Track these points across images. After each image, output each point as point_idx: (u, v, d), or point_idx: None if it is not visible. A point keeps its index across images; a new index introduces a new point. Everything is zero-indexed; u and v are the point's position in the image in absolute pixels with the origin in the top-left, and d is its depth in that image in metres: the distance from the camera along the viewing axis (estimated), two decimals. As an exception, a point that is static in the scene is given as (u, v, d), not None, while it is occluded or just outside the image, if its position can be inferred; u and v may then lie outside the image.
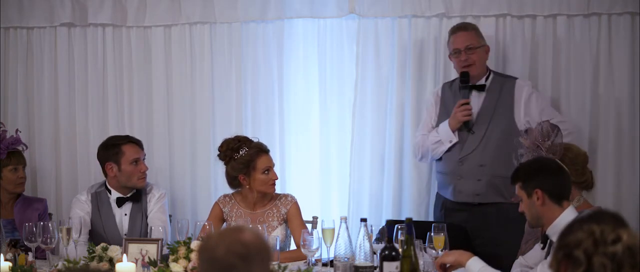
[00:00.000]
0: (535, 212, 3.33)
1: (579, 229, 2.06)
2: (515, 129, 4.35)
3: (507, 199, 4.34)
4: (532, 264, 3.48)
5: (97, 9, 4.98)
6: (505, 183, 4.31)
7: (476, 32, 4.47)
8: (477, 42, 4.42)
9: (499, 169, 4.34)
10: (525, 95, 4.39)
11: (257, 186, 4.09)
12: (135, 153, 4.32)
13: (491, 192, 4.38)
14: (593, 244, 2.03)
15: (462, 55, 4.40)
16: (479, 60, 4.42)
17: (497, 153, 4.36)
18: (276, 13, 4.89)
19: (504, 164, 4.32)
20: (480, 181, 4.38)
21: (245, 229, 2.21)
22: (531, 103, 4.38)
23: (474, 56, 4.40)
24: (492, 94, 4.43)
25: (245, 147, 4.11)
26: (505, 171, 4.30)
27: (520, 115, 4.38)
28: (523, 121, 4.35)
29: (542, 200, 3.28)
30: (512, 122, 4.38)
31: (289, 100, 4.99)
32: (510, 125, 4.38)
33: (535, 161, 3.50)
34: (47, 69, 5.07)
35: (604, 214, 2.11)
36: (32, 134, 5.09)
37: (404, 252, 3.21)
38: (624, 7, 4.60)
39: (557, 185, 3.29)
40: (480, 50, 4.43)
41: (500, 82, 4.45)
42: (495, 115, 4.40)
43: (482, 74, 4.46)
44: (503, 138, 4.36)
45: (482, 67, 4.46)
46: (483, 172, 4.38)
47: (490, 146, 4.38)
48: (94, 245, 3.65)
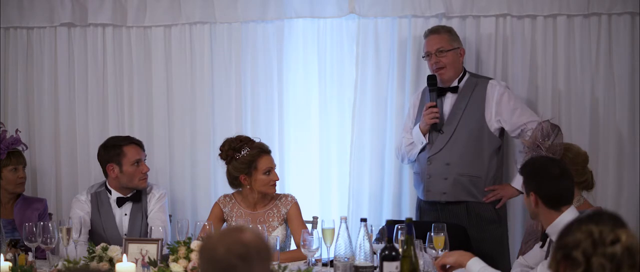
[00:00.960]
0: (531, 210, 3.35)
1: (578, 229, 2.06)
2: (485, 128, 4.37)
3: (477, 198, 4.37)
4: (532, 264, 3.48)
5: (97, 9, 4.98)
6: (472, 182, 4.37)
7: (450, 35, 4.45)
8: (448, 46, 4.41)
9: (465, 168, 4.37)
10: (497, 95, 4.37)
11: (258, 187, 4.09)
12: (137, 154, 4.31)
13: (458, 191, 4.38)
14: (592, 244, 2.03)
15: (433, 58, 4.42)
16: (450, 63, 4.41)
17: (463, 152, 4.37)
18: (276, 13, 4.89)
19: (471, 163, 4.37)
20: (447, 179, 4.39)
21: (245, 229, 2.21)
22: (502, 103, 4.36)
23: (444, 59, 4.40)
24: (464, 95, 4.42)
25: (247, 147, 4.11)
26: (473, 170, 4.37)
27: (491, 114, 4.37)
28: (494, 121, 4.36)
29: (536, 203, 3.28)
30: (482, 121, 4.38)
31: (289, 101, 4.99)
32: (479, 125, 4.38)
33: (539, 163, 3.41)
34: (47, 69, 5.07)
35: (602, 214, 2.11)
36: (32, 134, 5.09)
37: (404, 252, 3.21)
38: (624, 7, 4.60)
39: (553, 192, 3.26)
40: (451, 53, 4.41)
41: (474, 83, 4.45)
42: (464, 116, 4.39)
43: (454, 77, 4.45)
44: (471, 138, 4.37)
45: (454, 70, 4.44)
46: (449, 171, 4.39)
47: (457, 145, 4.38)
48: (94, 245, 3.65)
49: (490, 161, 4.40)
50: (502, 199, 4.40)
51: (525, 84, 4.71)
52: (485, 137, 4.38)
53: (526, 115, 4.34)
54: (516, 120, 4.33)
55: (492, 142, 4.39)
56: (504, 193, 4.40)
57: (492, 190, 4.39)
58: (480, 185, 4.39)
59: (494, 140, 4.40)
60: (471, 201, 4.39)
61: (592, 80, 4.66)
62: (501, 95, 4.37)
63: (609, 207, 4.50)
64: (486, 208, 4.39)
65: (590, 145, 4.58)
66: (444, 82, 4.45)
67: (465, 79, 4.46)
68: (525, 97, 4.70)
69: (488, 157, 4.40)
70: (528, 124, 4.29)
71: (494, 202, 4.40)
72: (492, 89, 4.40)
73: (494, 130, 4.39)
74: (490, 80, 4.45)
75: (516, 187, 4.36)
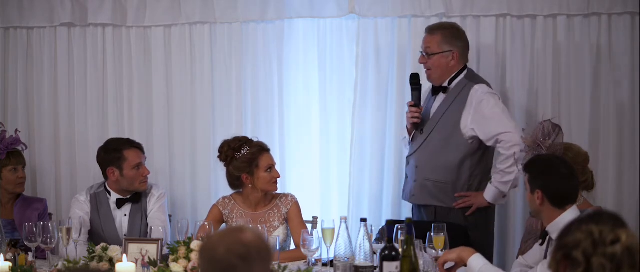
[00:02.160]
0: (535, 208, 3.35)
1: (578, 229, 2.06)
2: (457, 134, 4.25)
3: (446, 203, 4.29)
4: (532, 264, 3.48)
5: (97, 9, 4.98)
6: (438, 188, 4.29)
7: (443, 37, 4.31)
8: (436, 49, 4.30)
9: (430, 172, 4.31)
10: (476, 100, 4.23)
11: (261, 185, 4.09)
12: (137, 158, 4.31)
13: (424, 195, 4.33)
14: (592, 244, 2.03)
15: (421, 58, 4.37)
16: (436, 66, 4.30)
17: (432, 156, 4.30)
18: (276, 13, 4.89)
19: (437, 168, 4.29)
20: (416, 181, 4.37)
21: (245, 229, 2.21)
22: (480, 110, 4.22)
23: (430, 62, 4.32)
24: (449, 98, 4.32)
25: (246, 146, 4.11)
26: (439, 176, 4.29)
27: (467, 120, 4.23)
28: (469, 127, 4.23)
29: (542, 201, 3.28)
30: (457, 127, 4.25)
31: (289, 100, 4.98)
32: (454, 130, 4.26)
33: (547, 161, 3.41)
34: (47, 69, 5.07)
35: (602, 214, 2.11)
36: (32, 134, 5.09)
37: (404, 252, 3.21)
38: (624, 7, 4.60)
39: (560, 190, 3.27)
40: (438, 56, 4.29)
41: (463, 85, 4.31)
42: (443, 119, 4.30)
43: (442, 78, 4.33)
44: (443, 142, 4.28)
45: (440, 73, 4.32)
46: (417, 174, 4.35)
47: (428, 149, 4.32)
48: (94, 245, 3.65)
49: (460, 168, 4.26)
50: (472, 206, 4.28)
51: (525, 84, 4.72)
52: (457, 143, 4.25)
53: (501, 126, 4.15)
54: (490, 130, 4.18)
55: (464, 149, 4.25)
56: (475, 201, 4.27)
57: (463, 196, 4.28)
58: (448, 191, 4.28)
59: (467, 147, 4.25)
60: (440, 206, 4.30)
61: (592, 80, 4.66)
62: (480, 102, 4.22)
63: (609, 207, 4.50)
64: (456, 215, 4.25)
65: (590, 145, 4.58)
66: (433, 83, 4.38)
67: (458, 80, 4.34)
68: (525, 97, 4.71)
69: (457, 164, 4.26)
70: (500, 135, 4.15)
71: (464, 209, 4.28)
72: (474, 94, 4.25)
73: (468, 137, 4.24)
74: (475, 85, 4.27)
75: (486, 197, 4.25)
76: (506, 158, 4.17)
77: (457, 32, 4.37)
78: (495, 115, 4.20)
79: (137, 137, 4.58)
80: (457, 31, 4.38)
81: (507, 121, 4.20)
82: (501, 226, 4.79)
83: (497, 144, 4.19)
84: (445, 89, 4.35)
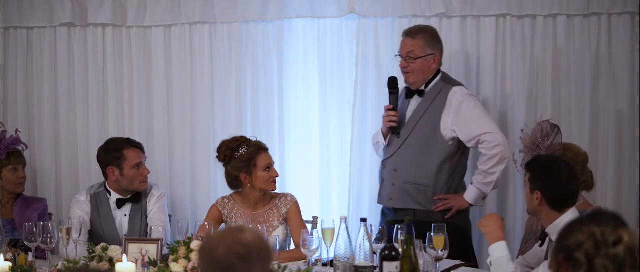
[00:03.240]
0: (533, 207, 3.35)
1: (579, 231, 2.05)
2: (438, 136, 4.26)
3: (425, 206, 4.29)
4: (532, 264, 3.48)
5: (97, 9, 4.98)
6: (419, 190, 4.28)
7: (425, 40, 4.30)
8: (420, 52, 4.28)
9: (411, 175, 4.29)
10: (456, 102, 4.24)
11: (259, 184, 4.09)
12: (138, 157, 4.31)
13: (404, 198, 4.31)
14: (594, 246, 2.02)
15: (402, 61, 4.33)
16: (419, 69, 4.29)
17: (412, 159, 4.29)
18: (276, 13, 4.89)
19: (418, 171, 4.28)
20: (394, 185, 4.34)
21: (245, 229, 2.21)
22: (461, 111, 4.23)
23: (413, 65, 4.29)
24: (426, 100, 4.32)
25: (244, 145, 4.11)
26: (419, 179, 4.28)
27: (447, 122, 4.24)
28: (449, 129, 4.23)
29: (540, 202, 3.28)
30: (436, 129, 4.26)
31: (289, 100, 4.99)
32: (433, 132, 4.26)
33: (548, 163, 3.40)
34: (47, 69, 5.07)
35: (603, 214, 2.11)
36: (32, 134, 5.09)
37: (404, 252, 3.22)
38: (624, 7, 4.60)
39: (560, 194, 3.27)
40: (422, 60, 4.28)
41: (440, 88, 4.31)
42: (421, 121, 4.30)
43: (422, 81, 4.33)
44: (422, 145, 4.28)
45: (421, 76, 4.31)
46: (396, 177, 4.33)
47: (407, 152, 4.31)
48: (94, 245, 3.65)
49: (440, 170, 4.27)
50: (452, 209, 4.28)
51: (525, 84, 4.71)
52: (437, 145, 4.26)
53: (482, 127, 4.18)
54: (471, 131, 4.20)
55: (443, 151, 4.26)
56: (455, 203, 4.28)
57: (443, 199, 4.28)
58: (428, 194, 4.28)
59: (447, 149, 4.26)
60: (419, 209, 4.30)
61: (592, 80, 4.67)
62: (460, 104, 4.23)
63: (608, 207, 4.50)
64: (435, 217, 4.20)
65: (590, 145, 4.58)
66: (411, 86, 4.37)
67: (433, 83, 4.33)
68: (525, 97, 4.71)
69: (437, 167, 4.26)
70: (482, 136, 4.17)
71: (444, 212, 4.28)
72: (452, 96, 4.25)
73: (448, 139, 4.25)
74: (454, 87, 4.28)
75: (467, 199, 4.27)
76: (489, 158, 4.18)
77: (436, 36, 4.38)
78: (476, 116, 4.22)
79: (137, 137, 4.58)
80: (436, 34, 4.39)
81: (488, 122, 4.24)
82: (501, 226, 4.80)
83: (479, 144, 4.21)
84: (421, 92, 4.34)
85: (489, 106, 4.75)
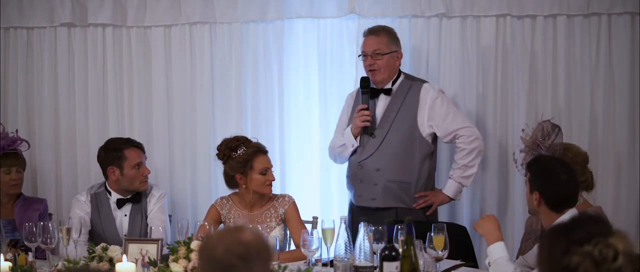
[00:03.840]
0: (532, 207, 3.36)
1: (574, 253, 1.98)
2: (417, 133, 4.32)
3: (407, 204, 4.33)
4: (532, 264, 3.47)
5: (97, 9, 4.98)
6: (402, 188, 4.32)
7: (389, 37, 4.38)
8: (385, 49, 4.34)
9: (395, 173, 4.32)
10: (430, 99, 4.31)
11: (254, 186, 4.08)
12: (138, 157, 4.31)
13: (388, 197, 4.34)
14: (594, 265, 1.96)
15: (368, 59, 4.36)
16: (385, 66, 4.34)
17: (394, 158, 4.32)
18: (276, 13, 4.89)
19: (401, 169, 4.32)
20: (377, 185, 4.35)
21: (245, 229, 2.21)
22: (435, 107, 4.31)
23: (379, 62, 4.34)
24: (397, 98, 4.37)
25: (243, 146, 4.10)
26: (403, 176, 4.32)
27: (423, 119, 4.32)
28: (426, 125, 4.31)
29: (539, 202, 3.29)
30: (414, 126, 4.32)
31: (289, 100, 4.99)
32: (411, 129, 4.32)
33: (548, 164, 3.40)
34: (47, 69, 5.07)
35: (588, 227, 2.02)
36: (32, 134, 5.08)
37: (404, 252, 3.21)
38: (624, 7, 4.60)
39: (558, 196, 3.27)
40: (388, 57, 4.34)
41: (408, 85, 4.38)
42: (396, 120, 4.34)
43: (387, 79, 4.38)
44: (402, 143, 4.32)
45: (388, 73, 4.37)
46: (379, 177, 4.34)
47: (387, 151, 4.33)
48: (94, 245, 3.64)
49: (422, 166, 4.34)
50: (433, 205, 4.35)
51: (525, 83, 4.71)
52: (416, 142, 4.32)
53: (458, 121, 4.31)
54: (448, 126, 4.30)
55: (424, 148, 4.34)
56: (435, 199, 4.36)
57: (423, 196, 4.34)
58: (410, 191, 4.34)
59: (426, 145, 4.34)
60: (401, 207, 4.34)
61: (592, 80, 4.67)
62: (434, 100, 4.31)
63: (609, 207, 4.50)
64: (417, 215, 4.28)
65: (589, 145, 4.58)
66: (376, 84, 4.40)
67: (399, 81, 4.40)
68: (525, 97, 4.71)
69: (419, 163, 4.34)
70: (459, 130, 4.27)
71: (425, 208, 4.35)
72: (425, 93, 4.33)
73: (426, 136, 4.33)
74: (424, 84, 4.38)
75: (447, 193, 4.35)
76: (468, 152, 4.29)
77: (396, 34, 4.46)
78: (451, 111, 4.33)
79: (137, 137, 4.58)
80: (395, 33, 4.46)
81: (463, 117, 4.38)
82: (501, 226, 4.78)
83: (456, 139, 4.30)
84: (388, 91, 4.38)
85: (488, 106, 4.76)
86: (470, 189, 4.77)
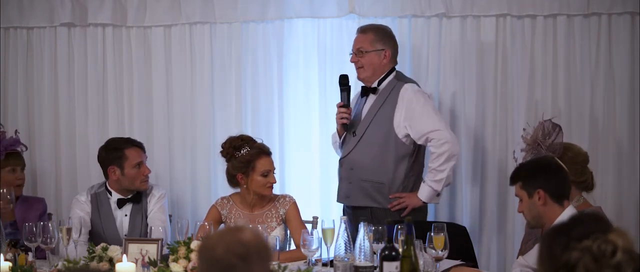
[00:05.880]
0: (536, 212, 3.34)
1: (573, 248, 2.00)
2: (392, 133, 4.29)
3: (381, 204, 4.31)
4: (532, 264, 3.47)
5: (97, 9, 4.98)
6: (376, 188, 4.31)
7: (375, 35, 4.36)
8: (369, 47, 4.34)
9: (368, 173, 4.32)
10: (407, 99, 4.28)
11: (254, 187, 4.08)
12: (138, 157, 4.31)
13: (360, 196, 4.34)
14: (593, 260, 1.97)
15: (353, 57, 4.39)
16: (368, 64, 4.34)
17: (369, 157, 4.31)
18: (276, 13, 4.89)
19: (374, 169, 4.31)
20: (351, 183, 4.36)
21: (245, 229, 2.21)
22: (411, 108, 4.26)
23: (363, 60, 4.35)
24: (380, 97, 4.36)
25: (247, 146, 4.10)
26: (376, 176, 4.31)
27: (399, 119, 4.28)
28: (402, 126, 4.27)
29: (544, 200, 3.29)
30: (390, 126, 4.30)
31: (289, 100, 4.99)
32: (387, 129, 4.30)
33: (535, 160, 3.51)
34: (47, 69, 5.07)
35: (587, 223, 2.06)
36: (32, 134, 5.08)
37: (404, 252, 3.21)
38: (624, 7, 4.60)
39: (558, 185, 3.32)
40: (371, 54, 4.33)
41: (393, 85, 4.36)
42: (375, 119, 4.33)
43: (372, 78, 4.37)
44: (378, 143, 4.30)
45: (372, 71, 4.35)
46: (352, 175, 4.35)
47: (364, 149, 4.33)
48: (94, 245, 3.64)
49: (397, 168, 4.30)
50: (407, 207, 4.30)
51: (525, 83, 4.72)
52: (391, 142, 4.29)
53: (431, 124, 4.22)
54: (421, 128, 4.24)
55: (399, 148, 4.30)
56: (410, 202, 4.30)
57: (397, 197, 4.31)
58: (384, 192, 4.31)
59: (402, 146, 4.30)
60: (375, 207, 4.32)
61: (591, 80, 4.67)
62: (411, 100, 4.28)
63: (609, 207, 4.50)
64: (393, 216, 4.22)
65: (590, 144, 4.58)
66: (364, 82, 4.41)
67: (387, 80, 4.38)
68: (525, 97, 4.71)
69: (394, 164, 4.30)
70: (431, 133, 4.21)
71: (400, 210, 4.30)
72: (404, 92, 4.30)
73: (402, 136, 4.29)
74: (405, 84, 4.33)
75: (420, 197, 4.30)
76: (437, 156, 4.23)
77: (389, 33, 4.43)
78: (425, 113, 4.26)
79: (137, 137, 4.57)
80: (388, 32, 4.43)
81: (437, 119, 4.28)
82: (501, 226, 4.80)
83: (428, 142, 4.26)
84: (375, 89, 4.38)
85: (488, 106, 4.76)
86: (470, 188, 4.78)
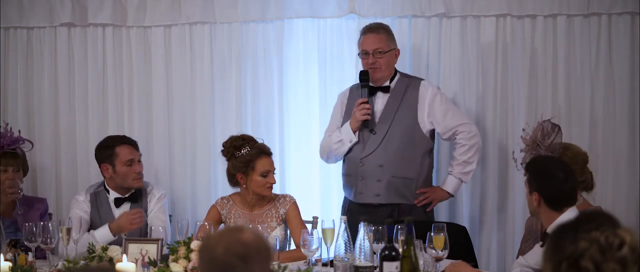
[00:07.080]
0: (533, 208, 3.37)
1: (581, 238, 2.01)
2: (418, 130, 4.36)
3: (409, 200, 4.36)
4: (532, 264, 3.47)
5: (97, 9, 4.98)
6: (405, 184, 4.35)
7: (387, 35, 4.41)
8: (386, 46, 4.36)
9: (398, 170, 4.35)
10: (430, 96, 4.36)
11: (253, 187, 4.08)
12: (129, 154, 4.30)
13: (391, 194, 4.36)
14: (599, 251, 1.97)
15: (370, 58, 4.37)
16: (386, 64, 4.37)
17: (397, 154, 4.35)
18: (276, 13, 4.89)
19: (404, 165, 4.35)
20: (380, 181, 4.36)
21: (245, 229, 2.21)
22: (435, 104, 4.36)
23: (381, 60, 4.36)
24: (396, 95, 4.39)
25: (247, 146, 4.10)
26: (406, 172, 4.35)
27: (423, 116, 4.36)
28: (426, 122, 4.36)
29: (539, 202, 3.29)
30: (415, 122, 4.37)
31: (289, 100, 4.99)
32: (412, 126, 4.36)
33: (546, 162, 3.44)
34: (47, 69, 5.07)
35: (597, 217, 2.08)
36: (32, 133, 5.08)
37: (404, 252, 3.21)
38: (624, 7, 4.60)
39: (557, 194, 3.29)
40: (388, 54, 4.37)
41: (406, 83, 4.42)
42: (397, 116, 4.37)
43: (387, 76, 4.41)
44: (404, 139, 4.35)
45: (388, 70, 4.40)
46: (382, 173, 4.35)
47: (390, 147, 4.35)
48: (94, 245, 3.65)
49: (423, 162, 4.39)
50: (432, 202, 4.39)
51: (525, 83, 4.72)
52: (418, 138, 4.37)
53: (457, 118, 4.37)
54: (448, 123, 4.35)
55: (425, 144, 4.39)
56: (435, 196, 4.40)
57: (422, 192, 4.38)
58: (412, 187, 4.37)
59: (426, 141, 4.39)
60: (403, 204, 4.36)
61: (591, 80, 4.67)
62: (434, 97, 4.37)
63: (608, 207, 4.50)
64: (417, 211, 4.34)
65: (589, 144, 4.59)
66: (375, 82, 4.41)
67: (396, 79, 4.43)
68: (525, 96, 4.71)
69: (420, 159, 4.38)
70: (459, 127, 4.33)
71: (425, 205, 4.39)
72: (424, 90, 4.38)
73: (426, 132, 4.38)
74: (422, 81, 4.44)
75: (447, 189, 4.41)
76: (468, 148, 4.36)
77: (392, 32, 4.48)
78: (450, 108, 4.40)
79: (137, 137, 4.57)
80: (391, 30, 4.48)
81: (461, 114, 4.45)
82: (501, 226, 4.80)
83: (456, 135, 4.36)
84: (386, 88, 4.40)
85: (488, 105, 4.77)
86: (470, 188, 4.78)
